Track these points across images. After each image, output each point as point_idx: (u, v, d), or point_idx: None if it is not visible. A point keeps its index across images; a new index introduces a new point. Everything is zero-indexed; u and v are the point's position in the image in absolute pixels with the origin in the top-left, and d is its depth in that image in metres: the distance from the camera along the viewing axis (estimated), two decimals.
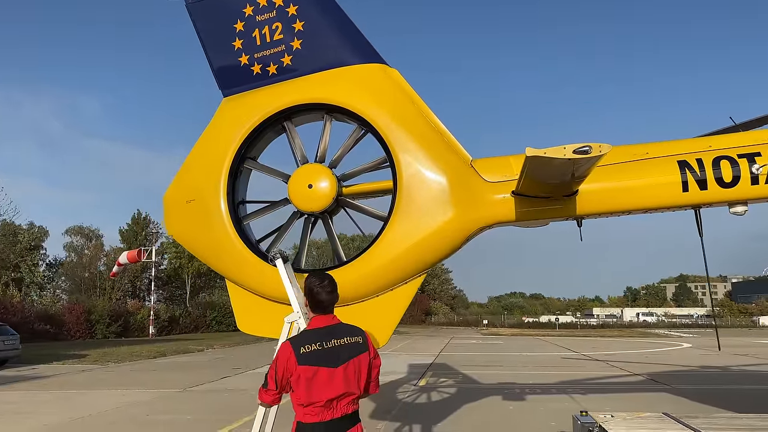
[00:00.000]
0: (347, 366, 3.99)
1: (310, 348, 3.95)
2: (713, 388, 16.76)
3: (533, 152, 4.42)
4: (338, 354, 3.99)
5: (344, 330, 4.15)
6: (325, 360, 3.94)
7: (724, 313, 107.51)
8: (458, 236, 5.86)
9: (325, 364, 3.93)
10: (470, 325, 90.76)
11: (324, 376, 3.91)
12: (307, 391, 3.90)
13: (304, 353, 3.92)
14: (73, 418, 12.75)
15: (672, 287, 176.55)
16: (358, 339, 4.12)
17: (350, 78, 6.07)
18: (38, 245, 76.55)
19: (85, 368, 24.51)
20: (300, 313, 5.23)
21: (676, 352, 32.04)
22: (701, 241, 6.11)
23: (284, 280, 5.29)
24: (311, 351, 3.94)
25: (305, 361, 3.90)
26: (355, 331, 4.18)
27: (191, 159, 6.25)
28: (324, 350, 3.97)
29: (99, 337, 52.74)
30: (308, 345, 3.97)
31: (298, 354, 3.93)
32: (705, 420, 7.72)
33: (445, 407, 13.41)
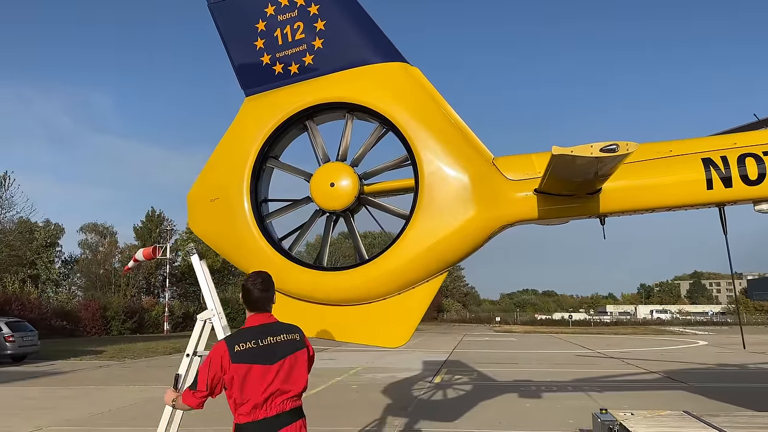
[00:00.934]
0: (283, 363, 3.94)
1: (244, 346, 3.90)
2: (731, 386, 16.63)
3: (560, 150, 4.42)
4: (274, 351, 3.94)
5: (280, 328, 4.11)
6: (260, 357, 3.89)
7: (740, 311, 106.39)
8: (480, 234, 5.87)
9: (260, 361, 3.88)
10: (482, 322, 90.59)
11: (258, 374, 3.86)
12: (241, 390, 3.85)
13: (238, 351, 3.88)
14: (93, 414, 12.91)
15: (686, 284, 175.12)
16: (295, 336, 4.10)
17: (371, 77, 6.09)
18: (54, 242, 77.37)
19: (102, 364, 24.79)
20: (215, 311, 5.17)
21: (692, 350, 31.81)
22: (726, 240, 6.07)
23: (200, 278, 5.32)
24: (246, 349, 3.90)
25: (239, 359, 3.86)
26: (291, 329, 4.15)
27: (215, 158, 6.31)
28: (259, 348, 3.92)
29: (114, 334, 53.30)
30: (243, 343, 3.92)
31: (233, 352, 3.88)
32: (726, 418, 7.69)
33: (462, 404, 13.43)
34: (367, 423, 11.26)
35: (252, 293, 4.11)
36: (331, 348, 31.27)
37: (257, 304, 4.12)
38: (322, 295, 6.02)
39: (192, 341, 5.18)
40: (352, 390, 16.05)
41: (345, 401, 13.97)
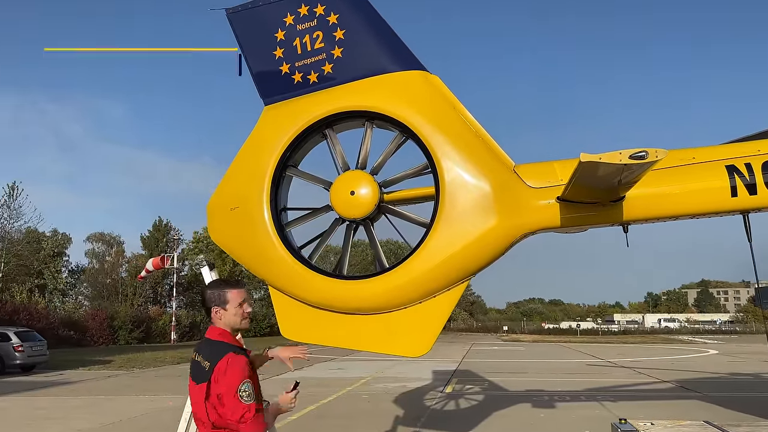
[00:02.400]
0: (192, 387, 3.67)
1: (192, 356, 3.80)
2: (746, 395, 16.47)
3: (588, 158, 4.39)
4: (196, 370, 3.68)
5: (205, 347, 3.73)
6: (191, 371, 3.74)
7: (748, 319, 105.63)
8: (502, 243, 5.84)
9: (191, 375, 3.73)
10: (489, 331, 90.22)
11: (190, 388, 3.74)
12: None
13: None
14: (104, 424, 12.88)
15: (694, 293, 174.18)
16: (206, 364, 3.59)
17: (391, 85, 6.08)
18: (61, 252, 77.68)
19: (111, 374, 24.77)
20: None
21: (704, 359, 31.56)
22: (750, 247, 6.01)
23: None
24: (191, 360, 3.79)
25: None
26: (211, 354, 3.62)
27: (234, 167, 6.30)
28: (192, 361, 3.75)
29: (122, 343, 53.36)
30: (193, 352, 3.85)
31: None
32: (748, 429, 7.60)
33: (475, 414, 13.33)
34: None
35: None
36: (339, 357, 31.19)
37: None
38: (342, 304, 5.99)
39: None
40: (363, 400, 15.96)
41: (358, 411, 13.89)
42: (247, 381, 3.52)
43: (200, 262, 5.10)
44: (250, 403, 3.48)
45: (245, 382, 3.50)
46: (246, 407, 3.47)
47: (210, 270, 5.12)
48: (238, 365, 3.54)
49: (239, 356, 3.59)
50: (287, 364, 4.43)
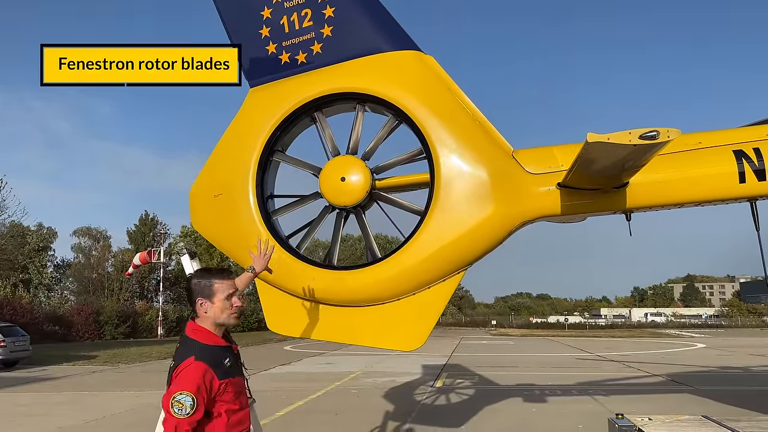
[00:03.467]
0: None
1: None
2: (737, 389, 16.40)
3: (595, 138, 4.12)
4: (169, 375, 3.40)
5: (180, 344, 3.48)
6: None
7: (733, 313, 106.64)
8: (500, 231, 5.58)
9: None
10: (478, 326, 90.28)
11: None
12: None
13: None
14: (87, 421, 12.52)
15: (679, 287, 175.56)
16: (172, 363, 3.37)
17: (384, 66, 5.79)
18: (46, 246, 76.69)
19: (95, 369, 24.34)
20: None
21: (692, 353, 31.60)
22: (758, 236, 5.79)
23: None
24: None
25: None
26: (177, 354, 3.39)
27: (218, 151, 5.98)
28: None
29: (107, 338, 52.70)
30: None
31: None
32: (748, 423, 7.41)
33: (466, 409, 13.11)
34: (371, 429, 10.93)
35: None
36: (328, 352, 30.92)
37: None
38: (333, 296, 5.71)
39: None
40: (353, 395, 15.71)
41: (347, 406, 13.63)
42: (187, 394, 3.17)
43: (180, 250, 4.75)
44: (179, 418, 3.15)
45: (183, 393, 3.17)
46: (174, 422, 3.15)
47: (191, 258, 4.78)
48: (189, 373, 3.22)
49: (198, 364, 3.26)
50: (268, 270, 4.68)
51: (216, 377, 3.30)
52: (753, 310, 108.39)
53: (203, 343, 3.41)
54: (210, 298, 3.48)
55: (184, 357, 3.31)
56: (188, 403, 3.16)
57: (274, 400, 14.54)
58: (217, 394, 3.30)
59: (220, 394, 3.32)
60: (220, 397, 3.32)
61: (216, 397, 3.30)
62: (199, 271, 3.85)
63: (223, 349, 3.49)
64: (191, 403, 3.17)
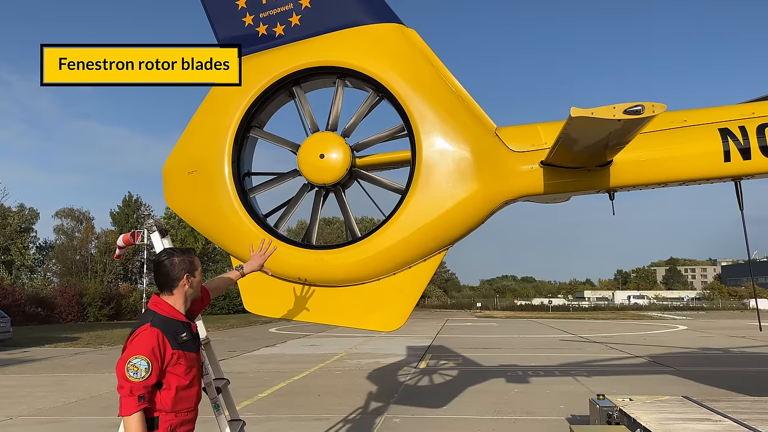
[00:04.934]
0: None
1: None
2: (718, 369, 16.59)
3: (579, 112, 4.01)
4: None
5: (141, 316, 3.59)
6: None
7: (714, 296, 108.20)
8: (482, 210, 5.47)
9: None
10: (463, 308, 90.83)
11: None
12: None
13: None
14: (67, 402, 12.37)
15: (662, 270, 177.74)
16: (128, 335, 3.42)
17: (364, 39, 5.62)
18: (28, 228, 75.65)
19: (77, 351, 24.12)
20: None
21: (674, 334, 31.94)
22: (742, 216, 5.74)
23: None
24: None
25: None
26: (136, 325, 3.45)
27: (193, 126, 5.80)
28: None
29: (91, 320, 52.33)
30: None
31: None
32: (728, 404, 7.45)
33: (449, 390, 13.12)
34: (354, 409, 10.89)
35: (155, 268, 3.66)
36: (312, 334, 30.90)
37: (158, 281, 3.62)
38: (311, 276, 5.59)
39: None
40: (336, 376, 15.68)
41: (330, 388, 13.59)
42: (142, 358, 3.22)
43: (150, 227, 4.57)
44: (135, 381, 3.19)
45: (138, 357, 3.22)
46: (129, 385, 3.19)
47: (162, 237, 4.61)
48: (143, 338, 3.28)
49: (152, 329, 3.31)
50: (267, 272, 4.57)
51: (169, 345, 3.32)
52: (733, 293, 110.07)
53: (162, 314, 3.45)
54: (194, 273, 3.58)
55: (140, 325, 3.37)
56: (143, 367, 3.19)
57: (256, 382, 14.46)
58: (169, 364, 3.32)
59: (172, 365, 3.33)
60: (171, 368, 3.33)
61: (167, 367, 3.31)
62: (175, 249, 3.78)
63: (183, 324, 3.52)
64: (146, 367, 3.20)
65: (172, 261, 3.53)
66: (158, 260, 3.58)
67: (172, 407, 3.34)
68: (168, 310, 3.48)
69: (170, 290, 3.54)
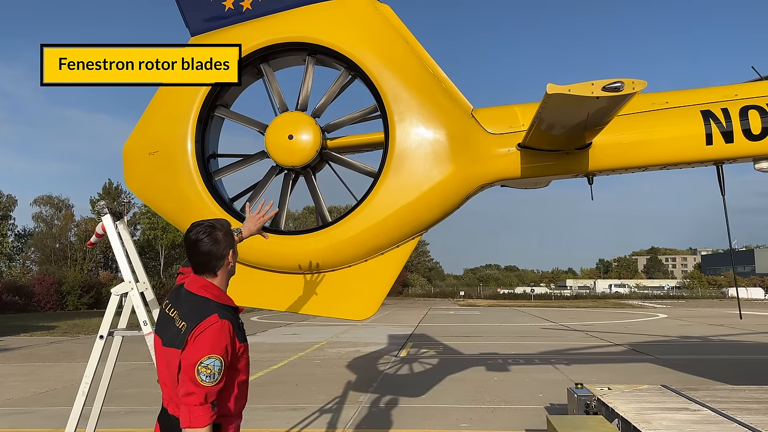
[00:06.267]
0: (167, 350, 2.95)
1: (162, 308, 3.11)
2: (696, 357, 16.67)
3: (555, 89, 3.80)
4: (167, 327, 2.98)
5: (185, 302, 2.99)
6: (160, 326, 3.07)
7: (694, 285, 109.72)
8: (457, 194, 5.28)
9: (159, 332, 3.07)
10: (447, 297, 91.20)
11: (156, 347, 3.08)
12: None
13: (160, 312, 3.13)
14: (37, 392, 12.07)
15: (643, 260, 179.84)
16: (183, 324, 2.88)
17: (336, 14, 5.36)
18: (6, 215, 74.37)
19: (54, 340, 23.69)
20: (132, 284, 4.46)
21: (654, 323, 32.22)
22: (723, 201, 5.60)
23: (113, 242, 4.60)
24: (160, 312, 3.13)
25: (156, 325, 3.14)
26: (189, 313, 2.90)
27: (154, 105, 5.51)
28: (162, 314, 3.08)
29: (70, 309, 51.66)
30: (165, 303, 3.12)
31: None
32: (706, 393, 7.37)
33: (428, 378, 13.01)
34: (331, 399, 10.72)
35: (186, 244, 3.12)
36: (294, 323, 30.70)
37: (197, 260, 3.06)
38: (280, 262, 5.36)
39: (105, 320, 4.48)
40: (315, 365, 15.50)
41: (308, 377, 13.41)
42: (216, 357, 2.76)
43: (101, 209, 4.30)
44: (209, 386, 2.73)
45: (212, 357, 2.75)
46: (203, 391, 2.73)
47: (116, 220, 4.35)
48: (215, 334, 2.79)
49: (223, 322, 2.84)
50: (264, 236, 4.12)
51: (237, 338, 2.92)
52: (713, 282, 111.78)
53: (219, 302, 2.97)
54: (235, 248, 3.13)
55: (203, 315, 2.83)
56: (217, 368, 2.74)
57: None
58: (235, 360, 2.90)
59: (238, 360, 2.93)
60: (236, 364, 2.92)
61: (234, 363, 2.90)
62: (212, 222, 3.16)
63: (236, 310, 3.09)
64: (219, 367, 2.75)
65: (215, 237, 3.00)
66: (196, 237, 3.00)
67: (235, 408, 2.96)
68: (220, 296, 3.00)
69: (213, 271, 3.03)
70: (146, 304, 4.47)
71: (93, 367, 4.52)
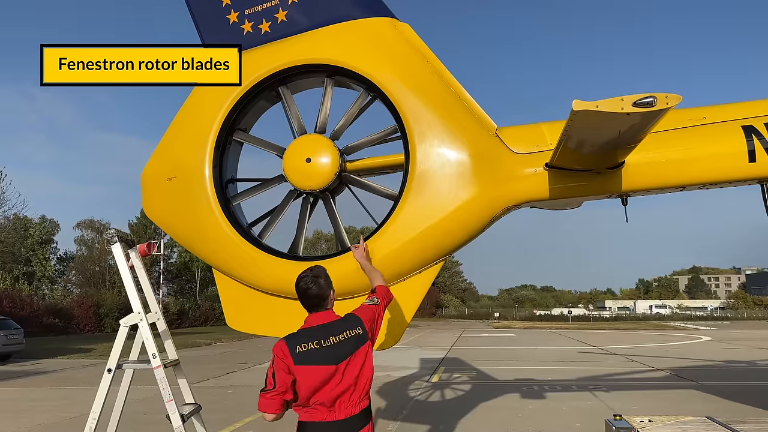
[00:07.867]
0: (350, 362, 3.64)
1: (306, 347, 3.60)
2: (744, 384, 15.85)
3: (582, 105, 3.57)
4: (338, 352, 3.62)
5: (342, 325, 3.76)
6: (324, 358, 3.59)
7: (739, 305, 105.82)
8: (481, 218, 5.04)
9: (325, 362, 3.58)
10: (481, 318, 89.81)
11: (321, 376, 3.56)
12: (306, 392, 3.57)
13: (300, 352, 3.58)
14: (68, 417, 12.10)
15: (685, 279, 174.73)
16: (357, 331, 3.73)
17: (354, 34, 5.24)
18: (49, 239, 76.58)
19: (89, 363, 23.98)
20: (142, 314, 4.32)
21: (698, 346, 30.99)
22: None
23: (122, 271, 4.48)
24: (308, 350, 3.59)
25: (301, 361, 3.56)
26: (351, 324, 3.77)
27: (173, 130, 5.45)
28: (322, 349, 3.61)
29: (108, 331, 52.45)
30: (305, 344, 3.61)
31: (294, 354, 3.57)
32: (756, 426, 6.87)
33: (460, 406, 12.62)
34: None
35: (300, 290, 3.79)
36: None
37: (309, 302, 3.79)
38: None
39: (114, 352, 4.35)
40: None
41: None
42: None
43: (110, 237, 4.19)
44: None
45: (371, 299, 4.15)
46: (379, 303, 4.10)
47: (129, 248, 4.23)
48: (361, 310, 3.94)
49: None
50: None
51: None
52: (759, 302, 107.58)
53: None
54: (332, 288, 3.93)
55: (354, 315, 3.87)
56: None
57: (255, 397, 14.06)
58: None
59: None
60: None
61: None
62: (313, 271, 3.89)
63: None
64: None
65: (319, 284, 3.75)
66: (306, 286, 3.76)
67: None
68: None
69: (326, 307, 3.81)
70: (157, 336, 4.31)
71: (101, 402, 4.38)
